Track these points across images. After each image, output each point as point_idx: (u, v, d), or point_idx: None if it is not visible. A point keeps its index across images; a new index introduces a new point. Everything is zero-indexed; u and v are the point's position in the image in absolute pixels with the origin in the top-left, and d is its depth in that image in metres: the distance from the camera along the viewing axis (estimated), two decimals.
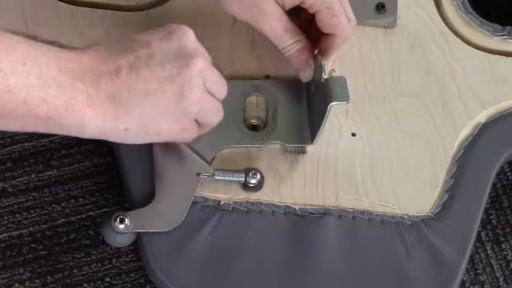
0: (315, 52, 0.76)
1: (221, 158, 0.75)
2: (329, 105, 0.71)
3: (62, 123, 0.62)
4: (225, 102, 0.74)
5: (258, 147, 0.76)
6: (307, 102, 0.78)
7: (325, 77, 0.73)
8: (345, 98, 0.72)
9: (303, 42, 0.75)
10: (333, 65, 0.77)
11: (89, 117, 0.63)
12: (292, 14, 0.75)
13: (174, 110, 0.67)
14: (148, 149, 0.75)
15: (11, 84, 0.58)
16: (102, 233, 0.73)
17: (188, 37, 0.68)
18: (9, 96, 0.58)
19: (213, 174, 0.74)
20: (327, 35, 0.75)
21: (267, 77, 0.80)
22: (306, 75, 0.76)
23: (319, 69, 0.74)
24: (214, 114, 0.71)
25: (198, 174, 0.74)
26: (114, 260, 0.77)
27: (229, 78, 0.73)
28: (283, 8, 0.73)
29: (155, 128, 0.67)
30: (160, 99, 0.66)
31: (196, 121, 0.70)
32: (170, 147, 0.74)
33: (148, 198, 0.73)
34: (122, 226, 0.71)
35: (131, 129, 0.65)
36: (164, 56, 0.66)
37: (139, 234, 0.73)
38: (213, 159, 0.75)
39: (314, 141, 0.76)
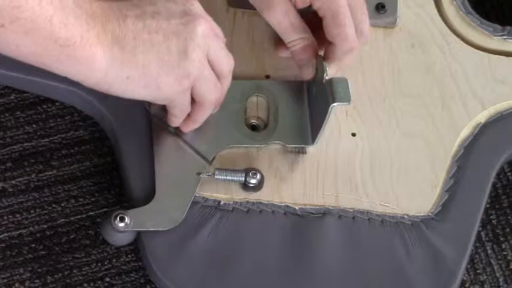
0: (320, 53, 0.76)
1: (221, 158, 0.75)
2: (330, 106, 0.72)
3: (74, 55, 0.61)
4: (226, 102, 0.74)
5: (258, 147, 0.76)
6: (308, 102, 0.78)
7: (326, 77, 0.73)
8: (347, 98, 0.72)
9: (309, 40, 0.74)
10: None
11: (99, 55, 0.62)
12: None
13: (176, 66, 0.66)
14: (148, 147, 0.75)
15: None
16: (102, 232, 0.73)
17: (193, 3, 0.68)
18: (39, 8, 0.58)
19: (214, 174, 0.74)
20: (330, 42, 0.74)
21: (267, 77, 0.80)
22: (306, 74, 0.76)
23: (320, 69, 0.74)
24: (211, 89, 0.70)
25: (198, 173, 0.74)
26: (114, 260, 0.77)
27: None
28: (294, 4, 0.73)
29: (157, 80, 0.66)
30: (165, 52, 0.65)
31: (192, 96, 0.69)
32: (171, 146, 0.74)
33: (149, 196, 0.73)
34: (121, 224, 0.71)
35: (133, 78, 0.65)
36: (169, 13, 0.66)
37: (139, 234, 0.73)
38: (213, 158, 0.75)
39: (315, 142, 0.76)
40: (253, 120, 0.78)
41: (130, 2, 0.66)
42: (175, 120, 0.73)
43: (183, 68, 0.66)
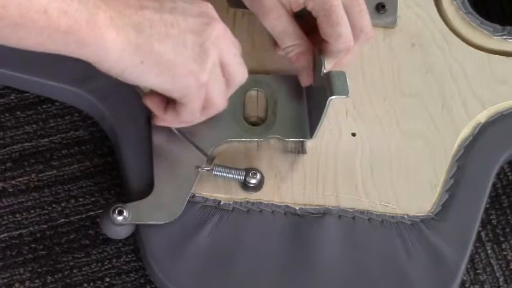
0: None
1: (221, 157, 0.75)
2: (328, 99, 0.71)
3: (82, 39, 0.60)
4: None
5: (257, 141, 0.76)
6: (306, 96, 0.78)
7: (324, 71, 0.73)
8: (345, 92, 0.71)
9: (303, 47, 0.74)
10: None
11: (111, 37, 0.61)
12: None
13: (192, 60, 0.65)
14: (148, 147, 0.75)
15: None
16: (100, 224, 0.73)
17: (209, 6, 0.68)
18: (29, 3, 0.57)
19: (212, 169, 0.74)
20: (325, 40, 0.74)
21: None
22: (303, 80, 0.76)
23: (318, 63, 0.74)
24: (221, 94, 0.69)
25: (197, 167, 0.74)
26: (114, 260, 0.77)
27: None
28: (290, 9, 0.73)
29: (171, 70, 0.65)
30: (181, 45, 0.65)
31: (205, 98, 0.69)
32: (170, 139, 0.74)
33: (147, 190, 0.73)
34: (120, 218, 0.71)
35: (147, 64, 0.64)
36: (187, 12, 0.66)
37: (139, 234, 0.73)
38: (213, 158, 0.75)
39: (313, 136, 0.76)
40: (253, 120, 0.78)
41: None
42: (173, 119, 0.72)
43: (200, 62, 0.66)
